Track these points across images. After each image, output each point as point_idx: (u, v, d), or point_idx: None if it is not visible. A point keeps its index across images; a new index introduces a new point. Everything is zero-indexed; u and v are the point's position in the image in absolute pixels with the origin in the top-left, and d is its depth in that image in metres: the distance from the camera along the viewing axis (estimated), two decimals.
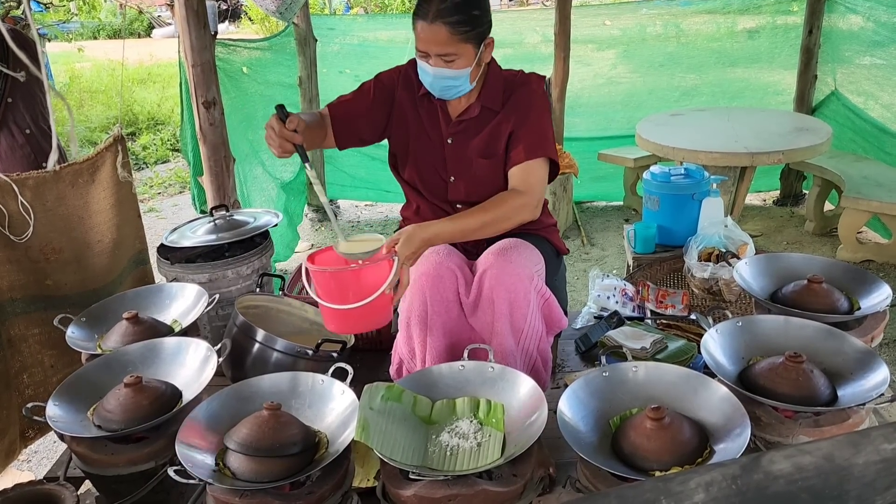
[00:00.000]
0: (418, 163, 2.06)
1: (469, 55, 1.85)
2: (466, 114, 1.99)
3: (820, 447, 0.65)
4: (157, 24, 15.64)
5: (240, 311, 2.04)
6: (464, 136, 2.00)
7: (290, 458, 1.42)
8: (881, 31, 4.54)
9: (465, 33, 1.81)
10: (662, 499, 0.61)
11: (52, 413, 1.66)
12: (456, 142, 2.01)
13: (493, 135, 1.98)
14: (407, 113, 2.05)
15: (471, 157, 2.00)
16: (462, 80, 1.88)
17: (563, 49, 4.70)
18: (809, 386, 1.52)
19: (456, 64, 1.84)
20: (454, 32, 1.80)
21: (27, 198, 2.22)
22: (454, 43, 1.81)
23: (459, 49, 1.82)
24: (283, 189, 4.70)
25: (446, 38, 1.80)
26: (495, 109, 1.98)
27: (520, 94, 1.98)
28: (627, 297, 2.68)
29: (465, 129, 2.00)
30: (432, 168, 2.04)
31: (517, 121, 1.95)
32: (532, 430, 1.48)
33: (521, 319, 1.87)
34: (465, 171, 2.01)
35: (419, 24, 1.83)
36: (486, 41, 1.89)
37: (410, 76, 2.04)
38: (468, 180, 2.02)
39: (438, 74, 1.86)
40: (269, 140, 1.77)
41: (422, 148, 2.04)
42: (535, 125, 1.94)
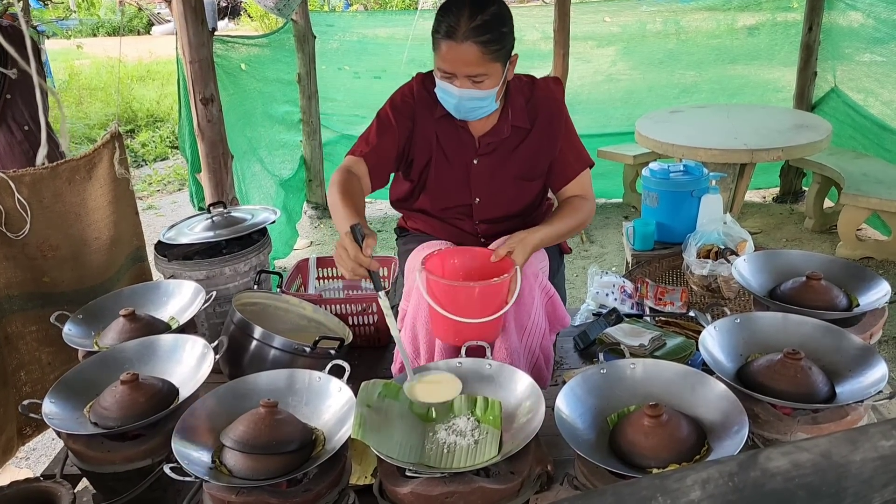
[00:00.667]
0: (438, 185, 1.99)
1: (497, 74, 1.78)
2: (495, 134, 1.92)
3: (817, 444, 0.65)
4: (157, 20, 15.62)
5: (237, 309, 2.03)
6: (494, 157, 1.95)
7: (287, 456, 1.42)
8: (881, 27, 4.53)
9: (495, 52, 1.73)
10: (659, 496, 0.61)
11: (48, 410, 1.65)
12: (483, 163, 1.95)
13: (532, 155, 1.94)
14: (427, 134, 1.96)
15: (502, 178, 1.96)
16: (489, 100, 1.81)
17: (562, 46, 4.68)
18: (808, 383, 1.51)
19: (484, 84, 1.76)
20: (485, 52, 1.71)
21: (24, 195, 2.21)
22: (484, 63, 1.73)
23: (489, 69, 1.74)
24: (281, 186, 4.70)
25: (477, 59, 1.72)
26: (525, 128, 1.93)
27: (548, 108, 1.95)
28: (626, 294, 2.68)
29: (494, 150, 1.94)
30: (453, 190, 1.99)
31: (553, 140, 1.95)
32: (529, 427, 1.47)
33: (526, 316, 1.86)
34: (494, 192, 1.97)
35: (445, 45, 1.73)
36: (511, 58, 1.82)
37: (423, 95, 1.95)
38: (497, 201, 1.98)
39: (465, 95, 1.78)
40: (340, 262, 1.58)
41: (442, 170, 1.97)
42: (573, 141, 1.99)
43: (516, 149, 1.95)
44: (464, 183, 1.98)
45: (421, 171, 2.00)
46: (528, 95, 1.95)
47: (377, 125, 1.95)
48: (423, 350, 1.91)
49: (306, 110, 5.04)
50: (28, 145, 2.72)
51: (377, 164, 1.92)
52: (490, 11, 1.73)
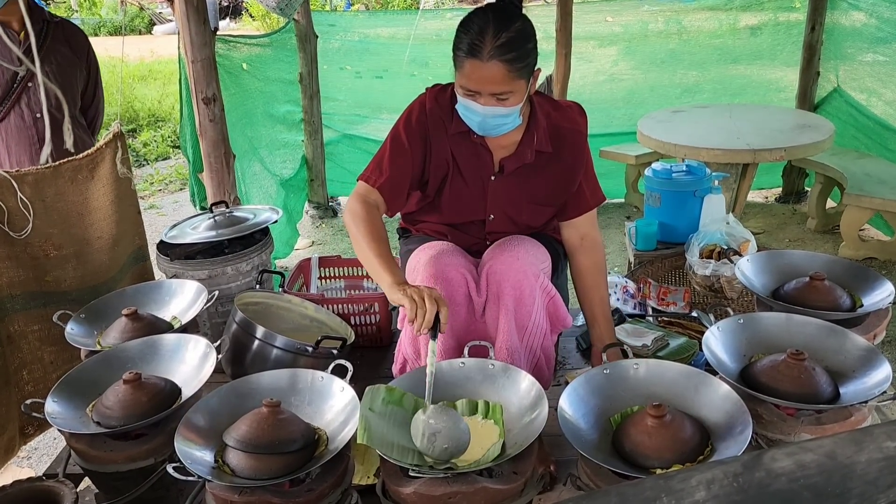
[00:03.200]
0: (453, 201, 1.97)
1: (522, 90, 1.75)
2: (518, 159, 1.89)
3: (822, 445, 0.65)
4: (158, 20, 15.63)
5: (239, 308, 2.03)
6: (513, 178, 1.93)
7: (290, 456, 1.42)
8: (884, 27, 4.53)
9: (520, 69, 1.70)
10: (663, 496, 0.61)
11: (50, 409, 1.65)
12: (501, 182, 1.93)
13: (552, 183, 1.95)
14: (442, 151, 1.91)
15: (519, 199, 1.96)
16: (513, 116, 1.78)
17: (564, 46, 4.68)
18: (811, 383, 1.51)
19: (509, 101, 1.73)
20: (511, 70, 1.68)
21: (26, 194, 2.21)
22: (510, 81, 1.69)
23: (514, 86, 1.71)
24: (282, 186, 4.70)
25: (503, 77, 1.68)
26: (549, 153, 1.92)
27: (574, 141, 1.94)
28: (629, 295, 2.67)
29: (516, 171, 1.92)
30: (468, 207, 1.97)
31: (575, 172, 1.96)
32: (532, 427, 1.47)
33: (526, 317, 1.86)
34: (510, 212, 1.97)
35: (470, 63, 1.69)
36: (534, 72, 1.79)
37: (436, 111, 1.90)
38: (511, 220, 1.99)
39: (489, 113, 1.74)
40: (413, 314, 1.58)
41: (458, 187, 1.95)
42: (591, 176, 2.02)
43: (537, 174, 1.93)
44: (479, 200, 1.95)
45: (436, 188, 1.96)
46: (551, 119, 1.93)
47: (391, 149, 1.89)
48: (424, 351, 1.91)
49: (308, 110, 5.04)
50: (34, 132, 2.75)
51: (392, 192, 1.89)
52: (515, 28, 1.70)
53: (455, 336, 1.87)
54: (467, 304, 1.88)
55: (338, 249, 4.76)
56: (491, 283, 1.85)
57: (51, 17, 2.82)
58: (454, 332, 1.87)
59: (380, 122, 5.46)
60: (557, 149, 1.92)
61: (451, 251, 1.90)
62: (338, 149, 5.47)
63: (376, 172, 1.88)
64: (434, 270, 1.83)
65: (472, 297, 1.88)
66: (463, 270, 1.86)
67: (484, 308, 1.89)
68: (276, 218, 2.49)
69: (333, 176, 5.38)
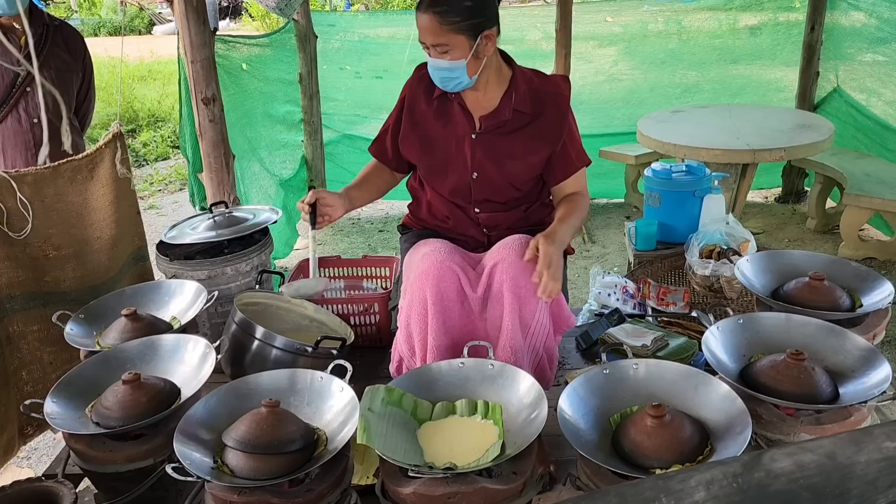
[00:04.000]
0: (439, 160, 2.05)
1: (462, 47, 1.84)
2: (496, 116, 1.98)
3: (822, 445, 0.65)
4: (158, 20, 15.64)
5: (239, 308, 2.03)
6: (493, 135, 1.99)
7: (289, 456, 1.42)
8: (884, 27, 4.53)
9: (454, 24, 1.81)
10: (662, 497, 0.61)
11: (50, 410, 1.65)
12: (481, 140, 2.00)
13: (530, 140, 1.99)
14: (425, 114, 2.05)
15: (499, 156, 2.00)
16: (458, 72, 1.87)
17: (564, 46, 4.69)
18: (811, 383, 1.51)
19: (450, 55, 1.84)
20: (443, 23, 1.81)
21: (25, 194, 2.21)
22: (444, 33, 1.82)
23: (451, 40, 1.82)
24: (281, 186, 4.70)
25: (436, 28, 1.82)
26: (528, 113, 1.98)
27: (553, 105, 2.00)
28: (628, 295, 2.67)
29: (494, 128, 1.99)
30: (453, 164, 2.04)
31: (557, 134, 2.00)
32: (532, 427, 1.47)
33: (530, 315, 1.86)
34: (492, 171, 2.01)
35: (417, 14, 1.86)
36: (484, 34, 1.86)
37: (416, 84, 2.08)
38: (494, 180, 2.02)
39: (434, 65, 1.89)
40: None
41: (442, 145, 2.04)
42: (575, 139, 2.06)
43: (517, 131, 1.99)
44: (462, 157, 2.02)
45: (422, 147, 2.07)
46: (534, 86, 2.01)
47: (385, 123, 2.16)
48: (419, 348, 1.91)
49: (307, 110, 5.04)
50: (31, 137, 2.75)
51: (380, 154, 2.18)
52: None
53: (449, 333, 1.87)
54: (460, 301, 1.89)
55: (337, 250, 4.76)
56: (494, 282, 1.85)
57: (50, 21, 2.82)
58: (448, 329, 1.87)
59: (379, 122, 5.39)
60: (537, 110, 1.99)
61: (442, 248, 1.91)
62: (337, 149, 5.47)
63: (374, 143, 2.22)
64: (426, 267, 1.86)
65: (467, 293, 1.88)
66: (454, 266, 1.88)
67: (485, 306, 1.89)
68: (276, 218, 2.49)
69: (333, 176, 5.37)
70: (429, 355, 1.87)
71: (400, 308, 1.98)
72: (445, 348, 1.86)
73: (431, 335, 1.86)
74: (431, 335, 1.86)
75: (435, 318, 1.86)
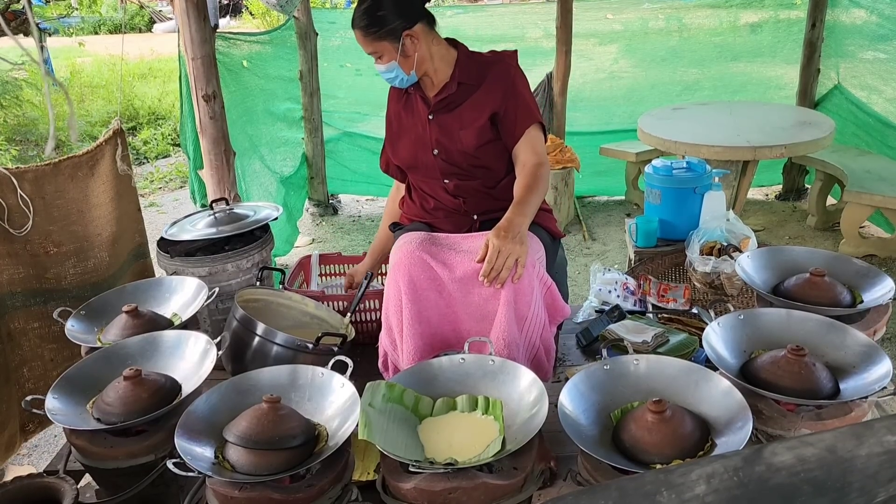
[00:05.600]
0: (408, 146, 2.20)
1: (389, 51, 2.03)
2: (444, 91, 2.11)
3: (823, 439, 0.65)
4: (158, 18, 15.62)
5: (240, 305, 2.03)
6: (443, 111, 2.13)
7: (290, 451, 1.42)
8: (885, 24, 4.52)
9: (374, 34, 2.00)
10: (663, 490, 0.61)
11: (51, 406, 1.65)
12: (436, 118, 2.13)
13: (474, 107, 2.10)
14: (397, 112, 2.25)
15: (452, 129, 2.11)
16: (395, 71, 2.06)
17: (564, 43, 4.68)
18: (811, 379, 1.51)
19: (384, 59, 2.04)
20: (366, 34, 2.01)
21: (26, 191, 2.21)
22: (370, 43, 2.03)
23: (378, 47, 2.03)
24: (282, 183, 4.69)
25: (363, 40, 2.03)
26: (473, 84, 2.10)
27: (496, 70, 2.10)
28: (629, 291, 2.67)
29: (444, 104, 2.12)
30: (419, 147, 2.17)
31: (503, 96, 2.07)
32: (533, 423, 1.47)
33: (525, 307, 1.86)
34: (448, 144, 2.12)
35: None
36: (405, 34, 2.01)
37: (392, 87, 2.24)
38: (451, 152, 2.12)
39: (378, 70, 2.09)
40: None
41: (409, 133, 2.20)
42: (520, 97, 2.10)
43: (464, 102, 2.11)
44: (424, 139, 2.16)
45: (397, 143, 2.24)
46: (479, 59, 2.14)
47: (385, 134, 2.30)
48: (399, 340, 1.94)
49: (308, 107, 5.04)
50: None
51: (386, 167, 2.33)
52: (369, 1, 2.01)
53: (425, 322, 1.89)
54: (436, 289, 1.90)
55: (338, 247, 4.76)
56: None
57: None
58: (423, 318, 1.89)
59: (380, 119, 5.40)
60: (481, 79, 2.10)
61: (414, 238, 1.94)
62: (338, 146, 5.46)
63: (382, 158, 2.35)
64: (398, 259, 1.92)
65: (444, 280, 1.89)
66: (423, 255, 1.89)
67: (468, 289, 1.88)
68: (277, 215, 2.49)
69: (333, 174, 5.37)
70: (405, 346, 1.88)
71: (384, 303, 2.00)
72: (420, 336, 1.87)
73: (406, 324, 1.87)
74: (406, 324, 1.87)
75: (408, 308, 1.87)
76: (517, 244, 1.80)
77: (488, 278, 1.79)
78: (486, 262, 1.79)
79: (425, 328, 1.88)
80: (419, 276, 1.87)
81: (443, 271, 1.88)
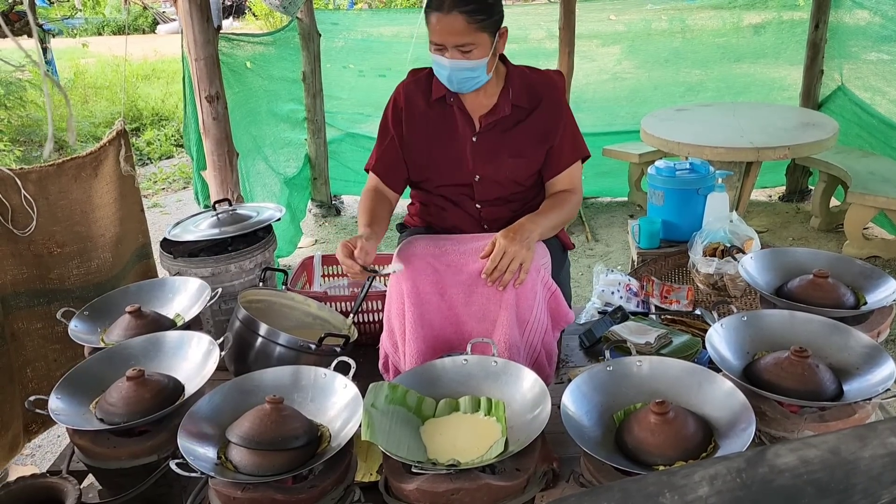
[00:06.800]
0: (439, 165, 2.04)
1: (485, 45, 1.84)
2: (495, 113, 1.97)
3: (826, 441, 0.64)
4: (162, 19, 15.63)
5: (243, 306, 2.03)
6: (493, 134, 1.99)
7: (293, 452, 1.42)
8: (889, 25, 4.51)
9: (480, 22, 1.81)
10: (666, 492, 0.60)
11: (54, 406, 1.66)
12: (483, 140, 1.99)
13: (527, 134, 1.99)
14: (423, 120, 2.03)
15: (501, 155, 1.99)
16: (479, 70, 1.87)
17: (567, 44, 4.67)
18: (815, 381, 1.51)
19: (473, 54, 1.83)
20: (471, 21, 1.79)
21: (30, 191, 2.21)
22: (471, 32, 1.80)
23: (476, 38, 1.82)
24: (286, 184, 4.70)
25: (463, 28, 1.80)
26: (525, 108, 1.98)
27: (549, 96, 2.00)
28: (632, 293, 2.67)
29: (494, 126, 1.98)
30: (454, 169, 2.02)
31: (553, 127, 1.99)
32: (535, 424, 1.47)
33: (527, 311, 1.86)
34: (494, 170, 2.01)
35: (434, 17, 1.82)
36: (500, 31, 1.88)
37: (412, 87, 2.05)
38: (497, 179, 2.02)
39: (456, 66, 1.85)
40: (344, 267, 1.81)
41: (442, 150, 2.02)
42: (569, 129, 2.03)
43: (516, 127, 1.99)
44: (464, 161, 2.01)
45: (422, 154, 2.04)
46: (529, 79, 2.01)
47: (379, 134, 2.08)
48: (401, 343, 1.94)
49: (311, 108, 5.04)
50: None
51: (385, 170, 2.07)
52: None
53: (427, 326, 1.88)
54: (438, 293, 1.89)
55: None
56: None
57: None
58: (426, 322, 1.88)
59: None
60: (534, 104, 1.99)
61: (419, 242, 1.92)
62: (341, 147, 5.47)
63: (371, 159, 2.10)
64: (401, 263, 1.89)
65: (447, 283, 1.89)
66: (430, 260, 1.88)
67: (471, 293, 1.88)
68: (279, 216, 2.49)
69: (336, 174, 5.38)
70: (408, 349, 1.88)
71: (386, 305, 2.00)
72: (423, 339, 1.87)
73: (409, 328, 1.87)
74: (409, 328, 1.87)
75: (411, 312, 1.87)
76: (524, 248, 1.79)
77: (491, 277, 1.79)
78: (491, 261, 1.78)
79: (428, 331, 1.88)
80: (423, 280, 1.87)
81: (447, 273, 1.88)
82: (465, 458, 1.45)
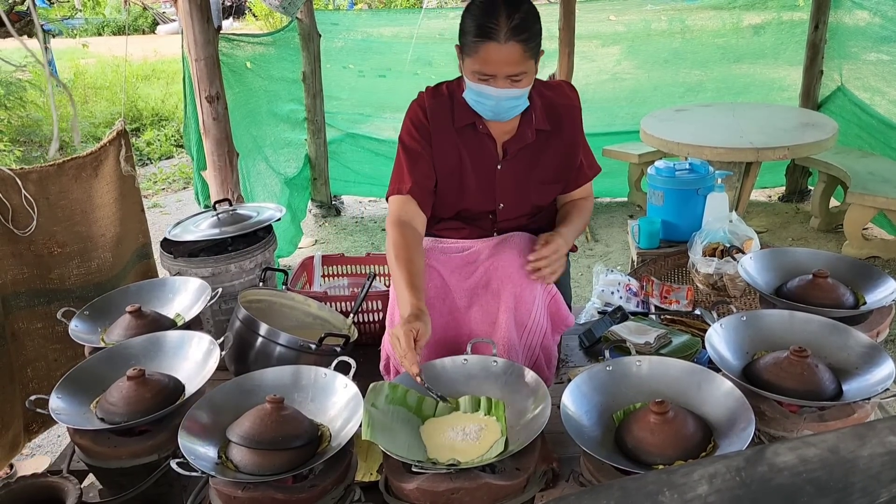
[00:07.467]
0: (463, 192, 1.95)
1: (533, 71, 1.77)
2: (520, 140, 1.90)
3: (825, 439, 0.65)
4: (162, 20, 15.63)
5: (243, 305, 2.03)
6: (518, 161, 1.92)
7: (293, 451, 1.42)
8: (888, 26, 4.51)
9: (533, 49, 1.72)
10: (666, 490, 0.61)
11: (55, 406, 1.66)
12: (508, 167, 1.92)
13: (556, 160, 1.95)
14: (449, 146, 1.91)
15: (527, 182, 1.95)
16: (524, 97, 1.80)
17: (567, 45, 4.67)
18: (814, 380, 1.51)
19: (522, 83, 1.74)
20: (526, 50, 1.70)
21: (30, 191, 2.22)
22: (525, 61, 1.71)
23: (528, 66, 1.73)
24: (286, 184, 4.70)
25: (519, 58, 1.70)
26: (547, 130, 1.92)
27: (567, 115, 1.95)
28: (631, 293, 2.67)
29: (519, 154, 1.92)
30: (478, 197, 1.96)
31: (575, 150, 1.98)
32: (535, 424, 1.47)
33: (526, 314, 1.86)
34: (519, 198, 1.96)
35: (488, 47, 1.69)
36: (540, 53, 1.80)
37: (437, 109, 1.91)
38: (521, 205, 1.98)
39: (504, 95, 1.74)
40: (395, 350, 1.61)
41: (467, 178, 1.93)
42: (585, 146, 2.03)
43: (541, 153, 1.93)
44: (488, 189, 1.94)
45: (445, 181, 1.94)
46: (545, 98, 1.94)
47: (406, 157, 1.90)
48: None
49: (311, 109, 5.04)
50: None
51: (421, 193, 1.89)
52: (524, 10, 1.71)
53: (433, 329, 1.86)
54: (441, 297, 1.89)
55: (341, 248, 4.76)
56: (491, 280, 1.85)
57: None
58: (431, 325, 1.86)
59: (382, 121, 5.46)
60: (556, 125, 1.93)
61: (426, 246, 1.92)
62: (341, 147, 5.47)
63: (400, 182, 1.89)
64: None
65: (451, 287, 1.89)
66: (435, 265, 1.88)
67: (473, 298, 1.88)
68: (280, 216, 2.49)
69: (336, 175, 5.38)
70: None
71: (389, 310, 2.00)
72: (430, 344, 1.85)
73: None
74: None
75: None
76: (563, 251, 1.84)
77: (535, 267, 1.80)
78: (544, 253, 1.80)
79: (433, 335, 1.87)
80: (427, 286, 1.85)
81: (451, 278, 1.88)
82: (465, 458, 1.45)
